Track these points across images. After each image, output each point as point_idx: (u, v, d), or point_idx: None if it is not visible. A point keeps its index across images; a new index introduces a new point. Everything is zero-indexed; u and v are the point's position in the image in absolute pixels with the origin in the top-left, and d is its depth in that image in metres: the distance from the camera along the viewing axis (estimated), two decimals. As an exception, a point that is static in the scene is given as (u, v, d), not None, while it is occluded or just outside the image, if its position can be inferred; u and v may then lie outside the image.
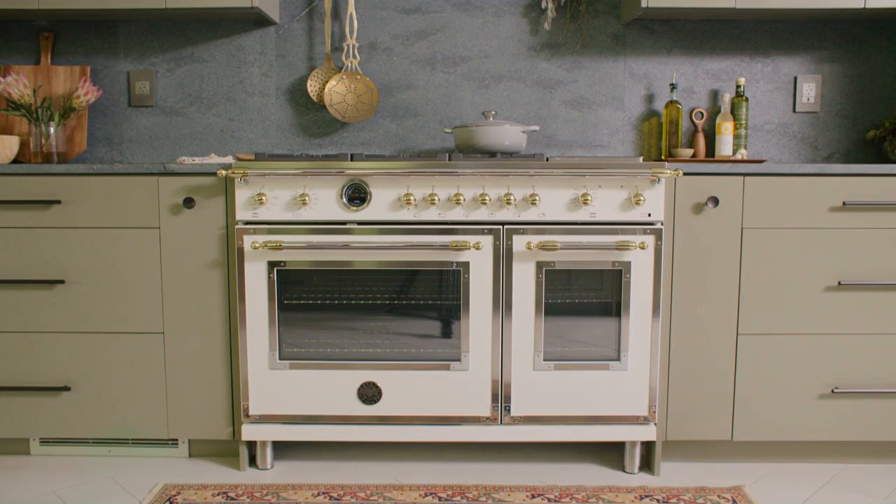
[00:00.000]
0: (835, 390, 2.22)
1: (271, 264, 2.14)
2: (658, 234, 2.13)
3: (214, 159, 2.44)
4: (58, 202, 2.18)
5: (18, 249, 2.21)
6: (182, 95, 2.74)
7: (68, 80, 2.69)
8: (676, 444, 2.32)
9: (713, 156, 2.72)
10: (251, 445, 2.30)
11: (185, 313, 2.22)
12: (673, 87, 2.66)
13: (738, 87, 2.65)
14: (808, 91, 2.73)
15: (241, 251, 2.13)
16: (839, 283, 2.19)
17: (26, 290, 2.22)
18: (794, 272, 2.20)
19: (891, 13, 2.51)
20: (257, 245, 2.11)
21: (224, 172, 2.10)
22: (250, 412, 2.19)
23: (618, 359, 2.17)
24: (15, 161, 2.67)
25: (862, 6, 2.40)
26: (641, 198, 2.09)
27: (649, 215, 2.13)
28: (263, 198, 2.10)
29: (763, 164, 2.21)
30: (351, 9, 2.65)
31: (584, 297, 2.15)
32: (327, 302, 2.16)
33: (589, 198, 2.09)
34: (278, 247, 2.09)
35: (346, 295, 2.16)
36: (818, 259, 2.20)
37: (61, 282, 2.20)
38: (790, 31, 2.71)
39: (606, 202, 2.12)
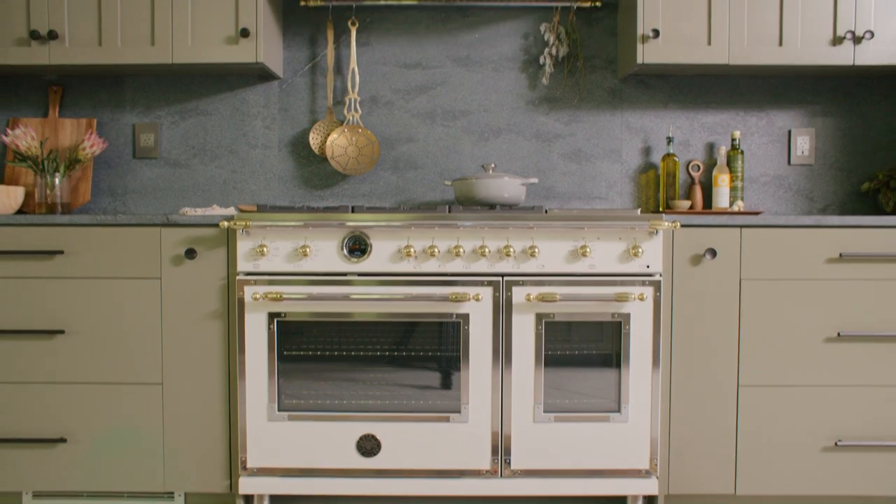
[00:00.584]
0: (838, 443, 2.20)
1: (271, 315, 2.14)
2: (657, 286, 2.14)
3: (216, 210, 2.47)
4: (60, 252, 2.20)
5: (20, 299, 2.21)
6: (186, 147, 2.78)
7: (75, 133, 2.73)
8: (679, 497, 2.30)
9: (710, 208, 2.75)
10: (248, 499, 2.27)
11: (184, 364, 2.21)
12: (669, 140, 2.70)
13: (733, 140, 2.69)
14: (803, 144, 2.77)
15: (241, 302, 2.14)
16: (839, 334, 2.20)
17: (26, 340, 2.22)
18: (793, 323, 2.21)
19: (879, 70, 2.57)
20: (258, 296, 2.12)
21: (226, 224, 2.12)
22: (248, 465, 2.17)
23: (618, 410, 2.16)
24: (19, 211, 2.70)
25: (851, 63, 2.46)
26: (640, 250, 2.11)
27: (648, 267, 2.14)
28: (265, 249, 2.12)
29: (759, 216, 2.23)
30: (353, 64, 2.71)
31: (583, 349, 2.15)
32: (327, 353, 2.16)
33: (588, 250, 2.11)
34: (279, 298, 2.10)
35: (345, 346, 2.16)
36: (817, 310, 2.21)
37: (61, 332, 2.20)
38: (783, 86, 2.77)
39: (605, 254, 2.14)
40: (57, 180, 2.56)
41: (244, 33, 2.42)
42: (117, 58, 2.47)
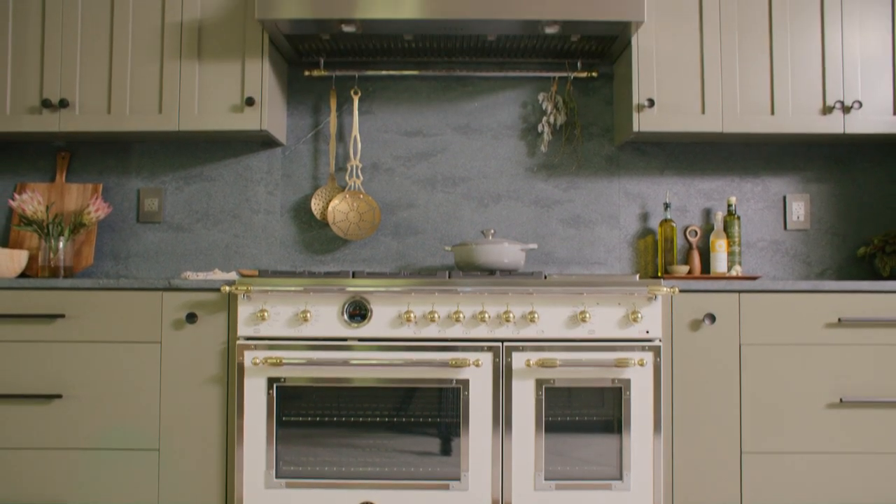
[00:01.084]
0: (843, 513, 2.17)
1: (271, 380, 2.14)
2: (657, 351, 2.14)
3: (218, 275, 2.49)
4: (61, 316, 2.21)
5: (18, 363, 2.21)
6: (189, 212, 2.82)
7: (81, 197, 2.78)
8: (684, 569, 2.25)
9: (709, 272, 2.77)
10: (243, 570, 2.22)
11: (181, 429, 2.19)
12: (667, 205, 2.74)
13: (729, 206, 2.73)
14: (798, 209, 2.81)
15: (241, 367, 2.14)
16: (841, 400, 2.19)
17: (22, 404, 2.21)
18: (794, 389, 2.20)
19: (869, 138, 2.63)
20: (257, 361, 2.11)
21: (227, 289, 2.13)
22: (244, 534, 2.13)
23: (620, 478, 2.13)
24: (22, 274, 2.72)
25: (842, 131, 2.51)
26: (639, 315, 2.12)
27: (647, 332, 2.15)
28: (265, 314, 2.13)
29: (758, 280, 2.25)
30: (355, 131, 2.77)
31: (584, 415, 2.14)
32: (326, 419, 2.15)
33: (587, 315, 2.12)
34: (278, 363, 2.10)
35: (344, 412, 2.15)
36: (818, 375, 2.20)
37: (58, 396, 2.19)
38: (777, 153, 2.83)
39: (604, 319, 2.15)
40: (61, 244, 2.58)
41: (249, 102, 2.49)
42: (125, 125, 2.53)
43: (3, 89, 2.53)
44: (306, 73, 2.76)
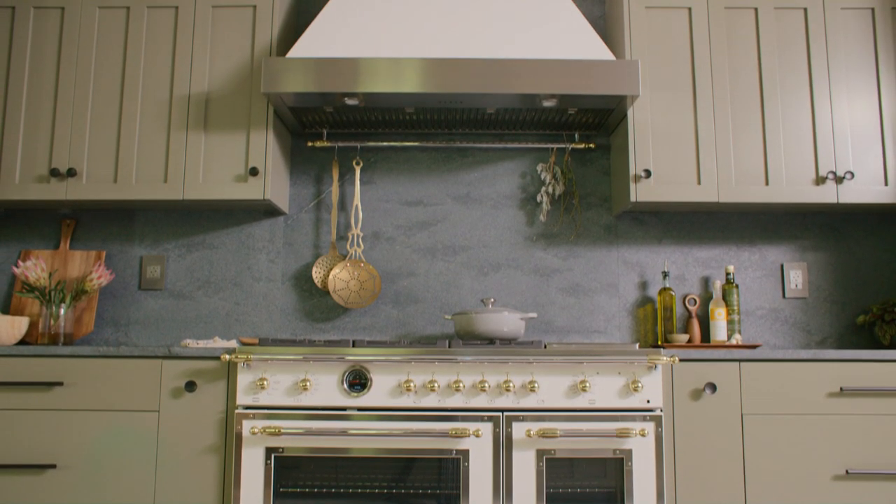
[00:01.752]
0: (854, 590, 2.11)
1: (269, 450, 2.11)
2: (658, 421, 2.12)
3: (218, 343, 2.49)
4: (60, 384, 2.20)
5: (13, 432, 2.19)
6: (191, 279, 2.84)
7: (83, 264, 2.80)
8: None
9: (708, 341, 2.77)
10: None
11: (177, 501, 2.15)
12: (665, 274, 2.76)
13: (727, 274, 2.75)
14: (796, 278, 2.83)
15: (239, 436, 2.12)
16: (847, 471, 2.16)
17: (15, 475, 2.17)
18: (799, 460, 2.17)
19: (863, 207, 2.67)
20: (256, 431, 2.10)
21: (227, 357, 2.13)
22: None
23: (624, 554, 2.08)
24: (22, 341, 2.72)
25: (835, 201, 2.55)
26: (639, 384, 2.12)
27: (648, 402, 2.14)
28: (265, 382, 2.12)
29: (758, 349, 2.25)
30: (357, 201, 2.82)
31: (586, 486, 2.11)
32: (324, 490, 2.11)
33: (587, 384, 2.12)
34: (277, 433, 2.08)
35: (343, 482, 2.12)
36: (822, 446, 2.18)
37: (52, 466, 2.16)
38: (773, 222, 2.86)
39: (605, 389, 2.14)
40: (62, 311, 2.59)
41: (253, 172, 2.54)
42: (131, 194, 2.57)
43: (14, 159, 2.59)
44: (309, 143, 2.83)
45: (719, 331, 2.69)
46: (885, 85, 2.61)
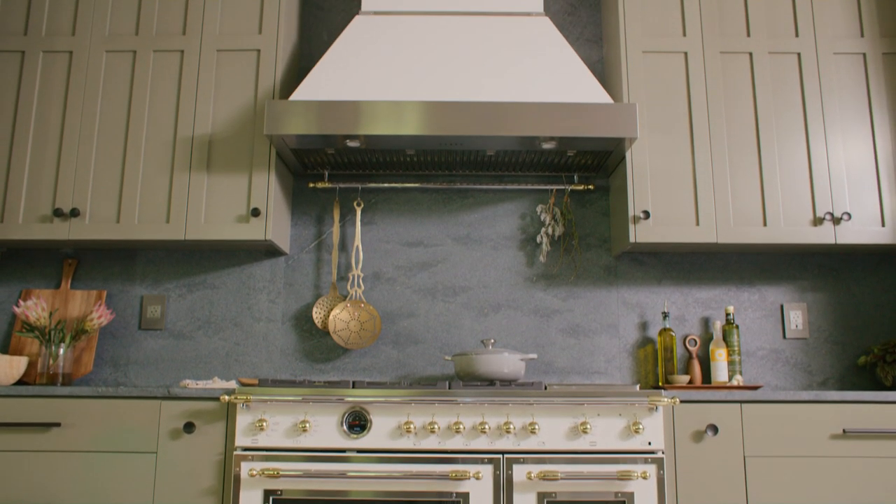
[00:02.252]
0: None
1: (267, 493, 2.09)
2: (659, 464, 2.10)
3: (217, 383, 2.48)
4: (57, 425, 2.18)
5: (9, 474, 2.17)
6: (191, 319, 2.84)
7: (84, 304, 2.80)
8: None
9: (709, 382, 2.76)
10: None
11: (173, 546, 2.13)
12: (665, 315, 2.76)
13: (727, 315, 2.75)
14: (796, 318, 2.83)
15: (237, 478, 2.10)
16: (850, 516, 2.13)
17: (11, 518, 2.15)
18: (804, 503, 2.15)
19: (861, 248, 2.67)
20: (254, 473, 2.08)
21: (227, 398, 2.12)
22: None
23: None
24: (20, 381, 2.71)
25: (833, 242, 2.57)
26: (640, 426, 2.10)
27: (649, 444, 2.12)
28: (264, 423, 2.11)
29: (759, 390, 2.24)
30: (357, 242, 2.83)
31: (588, 531, 2.08)
32: (322, 534, 2.09)
33: (588, 426, 2.10)
34: (276, 475, 2.06)
35: (341, 527, 2.09)
36: (826, 489, 2.16)
37: (49, 510, 2.14)
38: (772, 262, 2.88)
39: (606, 430, 2.12)
40: (61, 351, 2.59)
41: (255, 213, 2.56)
42: (133, 234, 2.59)
43: (18, 199, 2.61)
44: (311, 184, 2.85)
45: (720, 372, 2.68)
46: (878, 127, 2.65)
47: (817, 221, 2.58)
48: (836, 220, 2.57)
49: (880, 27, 2.72)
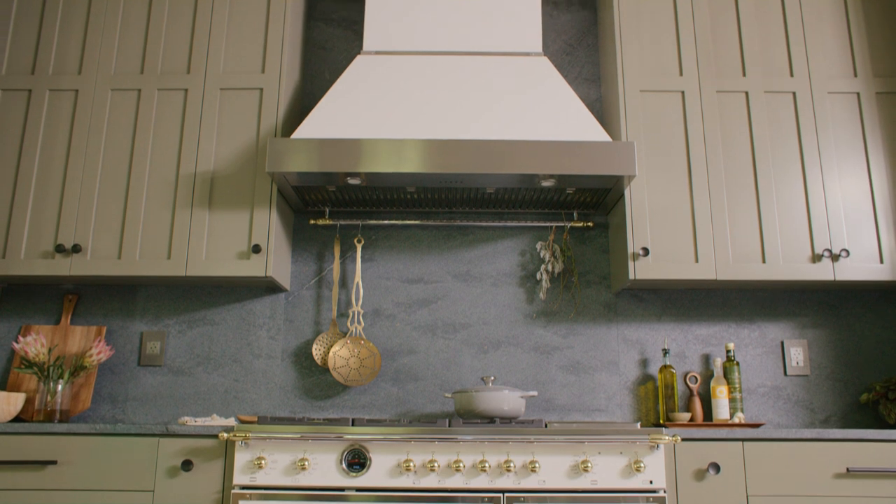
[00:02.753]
0: None
1: (265, 533, 2.07)
2: (661, 503, 2.08)
3: (216, 420, 2.46)
4: (53, 462, 2.17)
5: (5, 514, 2.15)
6: (191, 356, 2.83)
7: (84, 339, 2.80)
8: None
9: (711, 419, 2.74)
10: None
11: (168, 587, 2.09)
12: (665, 352, 2.76)
13: (728, 351, 2.74)
14: (797, 355, 2.82)
15: (234, 518, 2.08)
16: (855, 557, 2.10)
17: (5, 559, 2.12)
18: (806, 545, 2.12)
19: (860, 284, 2.68)
20: (252, 512, 2.05)
21: (225, 435, 2.11)
22: None
23: None
24: (17, 418, 2.69)
25: (832, 278, 2.58)
26: (642, 464, 2.09)
27: (651, 482, 2.10)
28: (263, 461, 2.09)
29: (761, 428, 2.23)
30: (358, 278, 2.84)
31: (589, 572, 2.05)
32: (320, 575, 2.06)
33: (589, 465, 2.09)
34: (273, 514, 2.04)
35: (340, 568, 2.06)
36: (829, 531, 2.13)
37: (43, 550, 2.11)
38: (771, 299, 2.88)
39: (607, 469, 2.11)
40: (59, 387, 2.57)
41: (256, 250, 2.57)
42: (134, 270, 2.59)
43: (21, 234, 2.62)
44: (312, 221, 2.87)
45: (721, 409, 2.66)
46: (874, 165, 2.67)
47: (816, 258, 2.59)
48: (835, 257, 2.58)
49: (873, 67, 2.76)
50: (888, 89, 2.74)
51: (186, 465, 2.16)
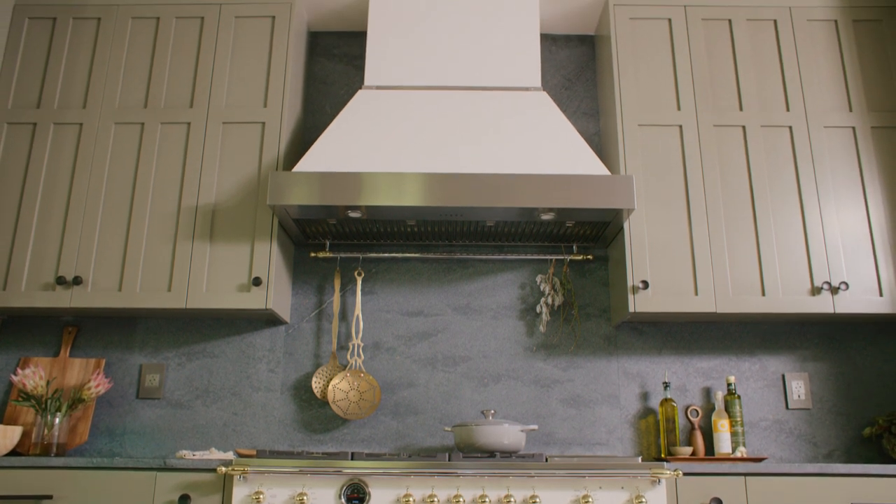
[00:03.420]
0: None
1: (262, 570, 2.04)
2: (664, 540, 2.06)
3: (215, 454, 2.45)
4: (49, 497, 2.15)
5: (0, 550, 2.12)
6: (190, 389, 2.82)
7: (82, 372, 2.79)
8: None
9: (713, 453, 2.72)
10: None
11: None
12: (666, 385, 2.74)
13: (729, 385, 2.73)
14: (798, 388, 2.81)
15: (231, 555, 2.05)
16: None
17: None
18: (811, 583, 2.09)
19: (860, 317, 2.68)
20: (249, 548, 2.03)
21: (224, 469, 2.09)
22: None
23: None
24: (14, 451, 2.67)
25: (832, 311, 2.58)
26: (643, 499, 2.07)
27: (653, 519, 2.08)
28: (261, 496, 2.07)
29: (763, 462, 2.21)
30: (358, 311, 2.84)
31: None
32: None
33: (590, 499, 2.07)
34: (271, 550, 2.01)
35: None
36: (834, 568, 2.10)
37: (37, 587, 2.08)
38: (772, 332, 2.87)
39: (608, 504, 2.09)
40: (57, 420, 2.56)
41: (256, 282, 2.57)
42: (134, 302, 2.60)
43: (22, 266, 2.63)
44: (312, 254, 2.88)
45: (723, 443, 2.64)
46: (871, 198, 2.69)
47: (815, 291, 2.59)
48: (834, 290, 2.58)
49: (867, 102, 2.79)
50: (883, 124, 2.77)
51: (184, 499, 2.14)
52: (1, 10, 2.87)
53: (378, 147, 2.62)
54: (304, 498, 2.07)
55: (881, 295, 2.60)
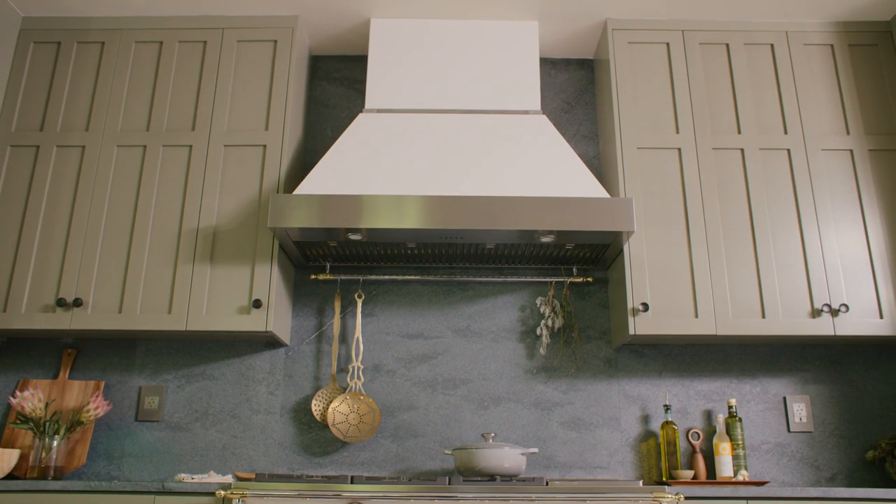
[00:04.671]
0: None
1: None
2: (666, 565, 2.04)
3: (213, 478, 2.43)
4: (46, 522, 2.13)
5: (-4, 576, 2.10)
6: (189, 411, 2.81)
7: (81, 394, 2.78)
8: None
9: (714, 477, 2.70)
10: None
11: None
12: (667, 408, 2.73)
13: (730, 407, 2.72)
14: (799, 411, 2.80)
15: (229, 580, 2.03)
16: None
17: None
18: None
19: (861, 339, 2.67)
20: (248, 574, 2.01)
21: (222, 493, 2.08)
22: None
23: None
24: (11, 475, 2.65)
25: (832, 333, 2.57)
26: (645, 525, 2.05)
27: (655, 544, 2.06)
28: (259, 521, 2.06)
29: (765, 486, 2.20)
30: (358, 333, 2.84)
31: None
32: None
33: (591, 524, 2.05)
34: (269, 576, 1.99)
35: None
36: None
37: None
38: (772, 354, 2.87)
39: (610, 529, 2.07)
40: (55, 443, 2.55)
41: (257, 304, 2.58)
42: (135, 324, 2.60)
43: (23, 288, 2.63)
44: (312, 276, 2.88)
45: (725, 466, 2.63)
46: (870, 220, 2.70)
47: (815, 313, 2.59)
48: (834, 312, 2.58)
49: (864, 125, 2.81)
50: (880, 146, 2.78)
51: (182, 524, 2.13)
52: (6, 34, 2.90)
53: (379, 170, 2.64)
54: (303, 522, 2.06)
55: (881, 317, 2.60)
